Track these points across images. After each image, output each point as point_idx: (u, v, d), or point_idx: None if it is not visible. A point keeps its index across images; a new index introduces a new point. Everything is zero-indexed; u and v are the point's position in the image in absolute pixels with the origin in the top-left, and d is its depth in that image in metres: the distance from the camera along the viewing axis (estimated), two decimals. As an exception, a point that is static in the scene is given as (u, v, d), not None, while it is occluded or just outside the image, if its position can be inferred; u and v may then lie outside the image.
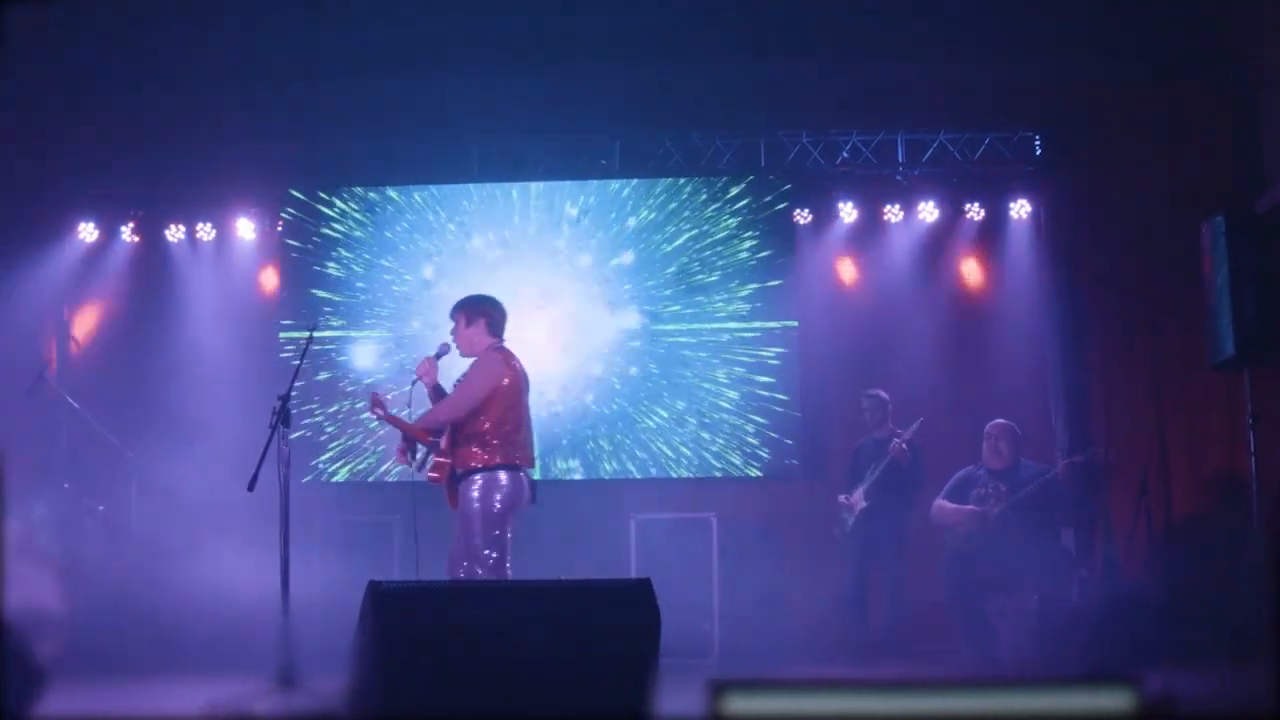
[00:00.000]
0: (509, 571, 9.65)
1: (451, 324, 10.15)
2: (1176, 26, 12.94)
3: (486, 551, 9.56)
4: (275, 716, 8.15)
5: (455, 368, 10.19)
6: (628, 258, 14.21)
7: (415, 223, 14.47)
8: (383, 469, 14.23)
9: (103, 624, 12.46)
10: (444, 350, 10.08)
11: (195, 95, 13.80)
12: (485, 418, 9.74)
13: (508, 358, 9.98)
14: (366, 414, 10.33)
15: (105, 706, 9.01)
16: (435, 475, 9.83)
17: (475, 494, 9.65)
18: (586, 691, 5.87)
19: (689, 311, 14.12)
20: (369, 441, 14.27)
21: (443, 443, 9.82)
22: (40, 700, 6.73)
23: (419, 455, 9.93)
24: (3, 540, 5.93)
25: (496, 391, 9.80)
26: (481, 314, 10.06)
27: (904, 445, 12.46)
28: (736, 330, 14.06)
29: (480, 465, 9.69)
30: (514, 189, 14.40)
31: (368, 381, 14.11)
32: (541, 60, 13.52)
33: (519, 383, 9.96)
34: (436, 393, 10.07)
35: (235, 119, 13.94)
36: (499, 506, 9.65)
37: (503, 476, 9.73)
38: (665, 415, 14.08)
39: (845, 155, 14.02)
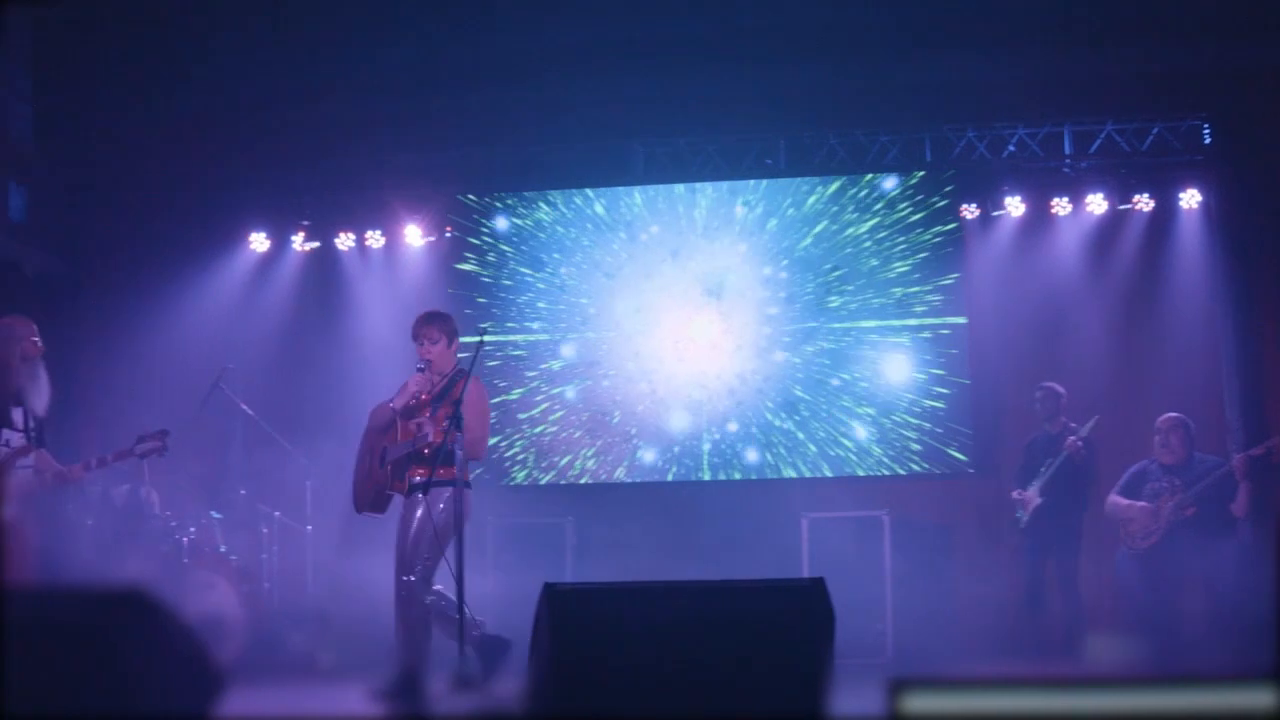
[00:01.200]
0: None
1: (432, 337, 9.83)
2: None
3: (426, 560, 9.49)
4: (452, 717, 8.23)
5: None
6: (792, 256, 14.18)
7: (581, 226, 14.54)
8: (554, 471, 14.32)
9: (280, 627, 12.67)
10: (426, 368, 9.81)
11: (363, 104, 13.97)
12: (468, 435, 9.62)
13: None
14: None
15: (284, 708, 9.14)
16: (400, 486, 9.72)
17: (441, 505, 9.48)
18: (762, 692, 5.86)
19: (856, 309, 14.06)
20: (540, 445, 14.36)
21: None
22: (220, 702, 6.84)
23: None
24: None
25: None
26: (455, 335, 9.93)
27: (1080, 442, 12.32)
28: (905, 327, 13.98)
29: (453, 479, 9.49)
30: (679, 189, 14.43)
31: (531, 384, 14.22)
32: (706, 61, 13.53)
33: None
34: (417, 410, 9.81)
35: (403, 126, 14.10)
36: (460, 522, 9.48)
37: (469, 494, 9.67)
38: (835, 413, 14.03)
39: (1012, 149, 13.89)
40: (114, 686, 6.29)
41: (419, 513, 9.48)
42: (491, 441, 13.95)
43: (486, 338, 10.08)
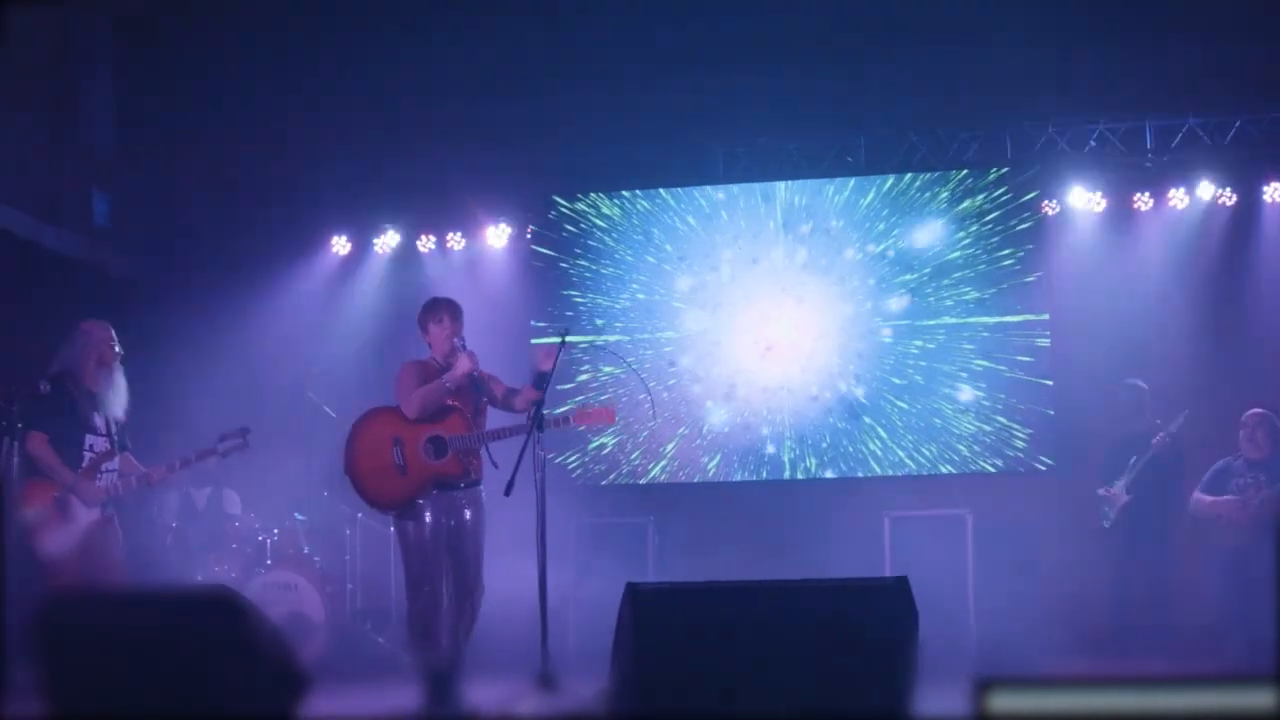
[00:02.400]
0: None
1: (436, 318, 9.99)
2: None
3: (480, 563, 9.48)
4: (536, 717, 8.24)
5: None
6: (872, 255, 14.14)
7: (662, 225, 14.55)
8: (636, 472, 14.33)
9: (363, 628, 12.74)
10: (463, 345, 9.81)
11: (444, 104, 14.01)
12: None
13: None
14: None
15: (368, 708, 9.19)
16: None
17: (482, 508, 9.56)
18: (845, 691, 5.84)
19: (937, 306, 14.01)
20: (622, 445, 14.38)
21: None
22: (303, 703, 6.87)
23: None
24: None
25: None
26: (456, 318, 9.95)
27: (1168, 438, 12.23)
28: (987, 323, 13.91)
29: (479, 479, 9.61)
30: (759, 188, 14.42)
31: (600, 383, 14.24)
32: (786, 59, 13.50)
33: None
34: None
35: (484, 127, 14.12)
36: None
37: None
38: (917, 411, 13.99)
39: (1093, 144, 13.79)
40: (199, 688, 6.34)
41: (469, 514, 9.51)
42: (581, 439, 14.02)
43: (568, 338, 10.07)
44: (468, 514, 9.45)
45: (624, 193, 14.64)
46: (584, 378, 14.51)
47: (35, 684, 6.48)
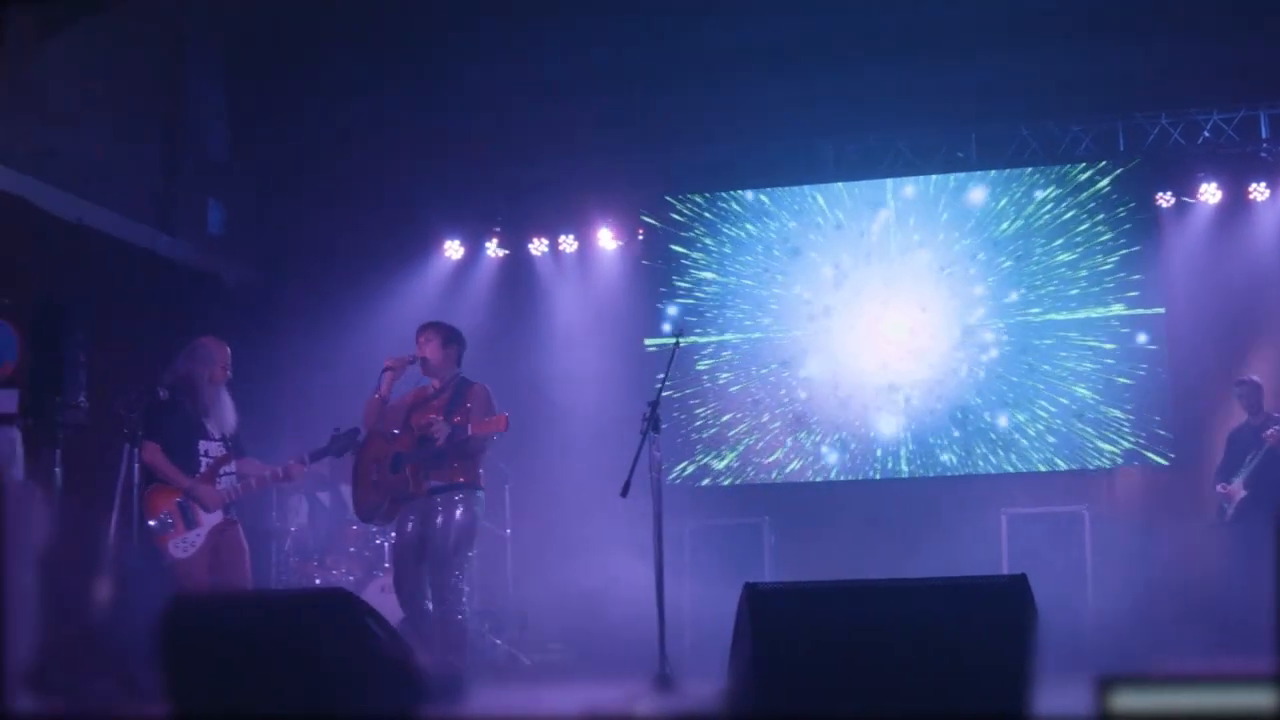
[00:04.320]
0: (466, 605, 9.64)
1: (427, 337, 10.03)
2: None
3: (457, 575, 9.55)
4: (654, 718, 8.26)
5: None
6: (985, 250, 14.08)
7: (773, 225, 14.55)
8: (750, 472, 14.34)
9: (481, 629, 12.80)
10: (412, 361, 9.93)
11: (554, 108, 14.05)
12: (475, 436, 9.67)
13: None
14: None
15: (487, 709, 9.22)
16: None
17: (458, 513, 9.59)
18: (964, 690, 5.82)
19: (1051, 301, 13.93)
20: (735, 446, 14.39)
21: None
22: (423, 704, 6.93)
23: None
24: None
25: None
26: (457, 343, 10.07)
27: (1281, 433, 12.13)
28: (1101, 318, 13.81)
29: (464, 481, 9.65)
30: (870, 186, 14.38)
31: (720, 381, 14.26)
32: (895, 56, 13.45)
33: None
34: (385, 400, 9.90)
35: (594, 130, 14.17)
36: (477, 527, 9.67)
37: (481, 495, 9.77)
38: (1031, 407, 13.90)
39: (1206, 135, 13.66)
40: (320, 689, 6.42)
41: (439, 520, 9.58)
42: (696, 441, 14.05)
43: (683, 339, 10.10)
44: (438, 520, 9.59)
45: (735, 192, 14.65)
46: (699, 379, 14.50)
47: (160, 686, 6.58)
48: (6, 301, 9.69)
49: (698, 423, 14.49)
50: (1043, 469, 13.84)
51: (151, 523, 9.38)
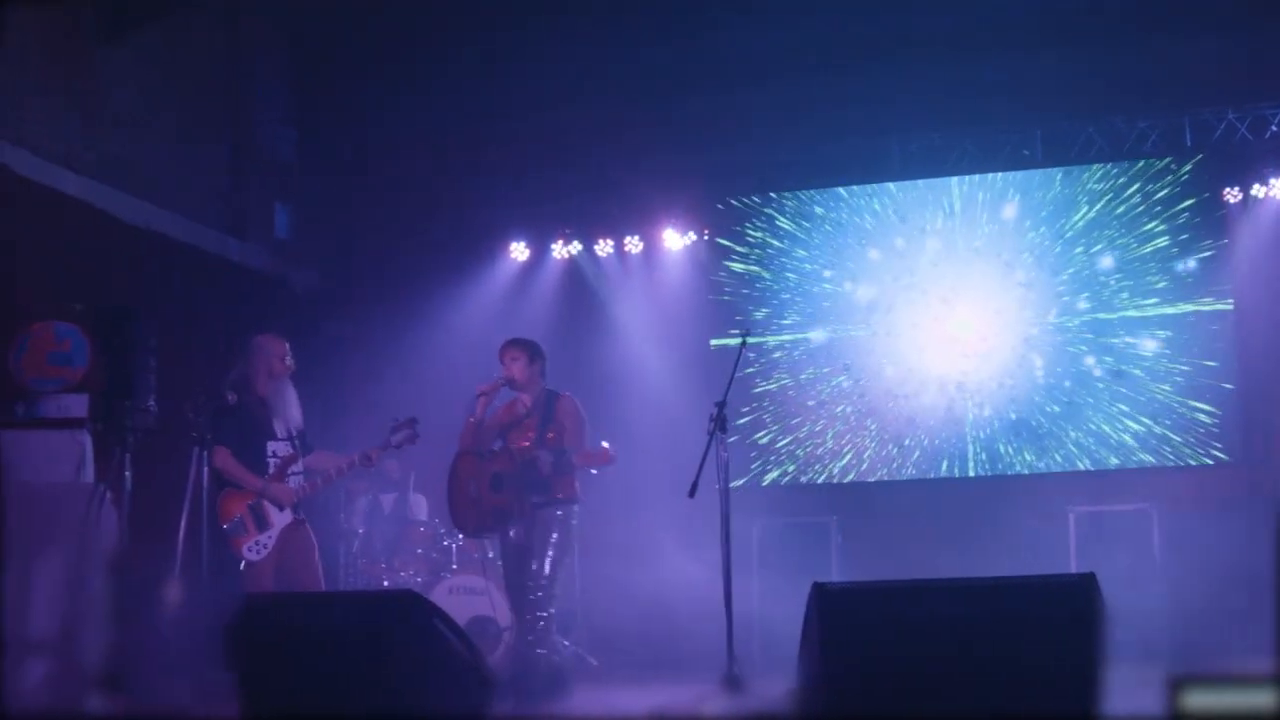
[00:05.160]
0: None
1: (513, 355, 10.12)
2: None
3: (552, 580, 9.64)
4: (722, 718, 8.27)
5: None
6: (1052, 247, 14.02)
7: (840, 223, 14.54)
8: (817, 471, 14.33)
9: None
10: (504, 384, 10.06)
11: (619, 109, 14.06)
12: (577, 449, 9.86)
13: None
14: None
15: (553, 710, 9.25)
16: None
17: (558, 526, 9.74)
18: (1033, 690, 5.81)
19: (1119, 298, 13.85)
20: (803, 445, 14.39)
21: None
22: (492, 705, 6.96)
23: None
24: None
25: None
26: (541, 358, 10.17)
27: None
28: (1169, 315, 13.72)
29: (563, 497, 9.79)
30: (935, 184, 14.34)
31: (795, 379, 14.26)
32: (960, 53, 13.42)
33: None
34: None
35: (659, 130, 14.17)
36: (574, 537, 9.85)
37: (578, 509, 9.92)
38: (1099, 404, 13.83)
39: (1274, 129, 13.56)
40: (390, 690, 6.46)
41: (540, 531, 9.69)
42: (762, 441, 14.06)
43: (749, 339, 10.12)
44: (536, 535, 9.74)
45: (800, 192, 14.64)
46: (764, 379, 14.50)
47: (232, 686, 6.63)
48: (77, 307, 9.76)
49: (762, 424, 14.48)
50: (1110, 467, 13.76)
51: (225, 526, 9.46)
